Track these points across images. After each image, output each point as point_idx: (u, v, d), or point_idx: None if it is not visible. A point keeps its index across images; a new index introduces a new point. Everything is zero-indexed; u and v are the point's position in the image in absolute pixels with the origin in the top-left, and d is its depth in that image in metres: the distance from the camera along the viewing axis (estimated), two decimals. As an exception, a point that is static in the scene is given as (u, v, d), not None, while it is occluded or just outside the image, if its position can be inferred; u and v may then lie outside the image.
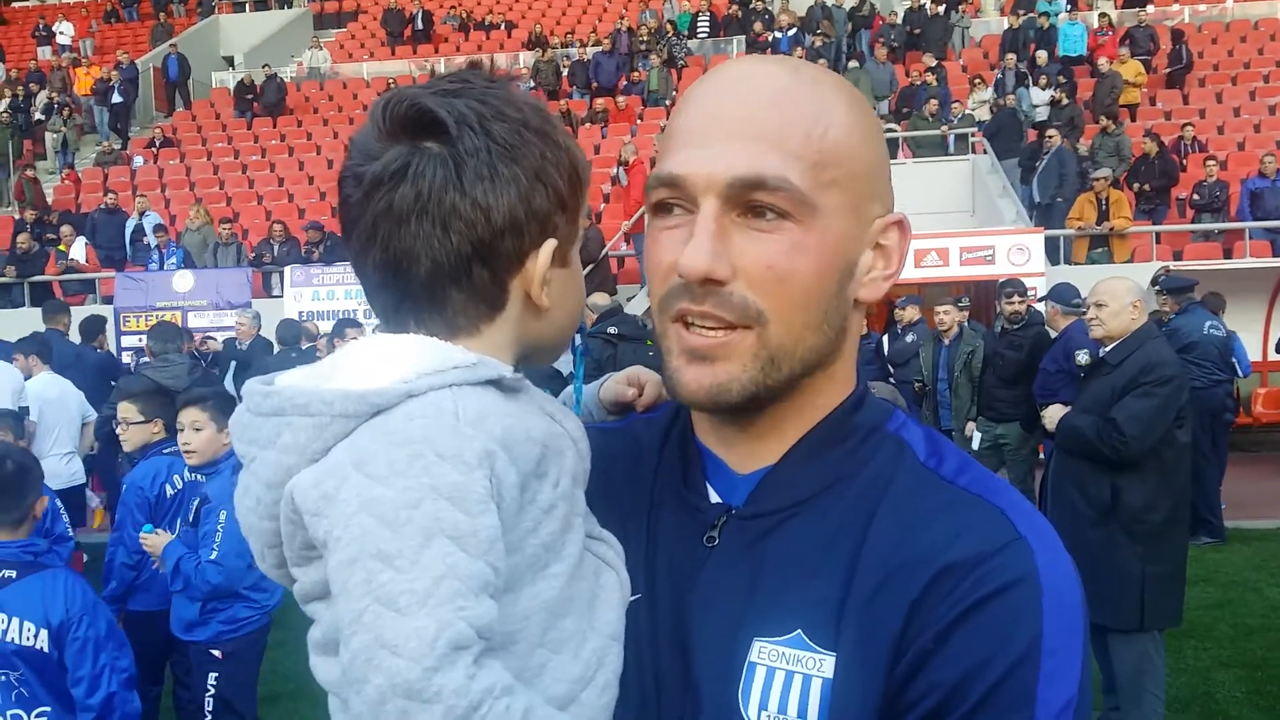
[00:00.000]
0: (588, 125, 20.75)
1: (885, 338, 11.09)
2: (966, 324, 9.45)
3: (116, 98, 23.72)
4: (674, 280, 1.04)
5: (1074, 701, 0.95)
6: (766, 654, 1.02)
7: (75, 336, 10.05)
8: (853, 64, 21.69)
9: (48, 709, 3.31)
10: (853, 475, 1.07)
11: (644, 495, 1.17)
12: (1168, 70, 19.75)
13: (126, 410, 5.25)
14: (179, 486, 5.00)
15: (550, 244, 1.05)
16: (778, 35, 22.54)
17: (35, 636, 3.31)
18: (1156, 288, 9.63)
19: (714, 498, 1.13)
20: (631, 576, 1.10)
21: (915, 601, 0.97)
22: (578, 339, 1.27)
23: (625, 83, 22.22)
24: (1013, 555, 0.97)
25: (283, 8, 31.11)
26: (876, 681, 0.97)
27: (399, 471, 0.91)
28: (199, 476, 4.74)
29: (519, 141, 1.02)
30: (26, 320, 13.10)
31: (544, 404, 1.07)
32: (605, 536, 1.11)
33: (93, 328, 8.34)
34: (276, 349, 10.23)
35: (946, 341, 9.26)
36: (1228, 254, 15.00)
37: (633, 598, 1.10)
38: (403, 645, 0.86)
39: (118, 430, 5.39)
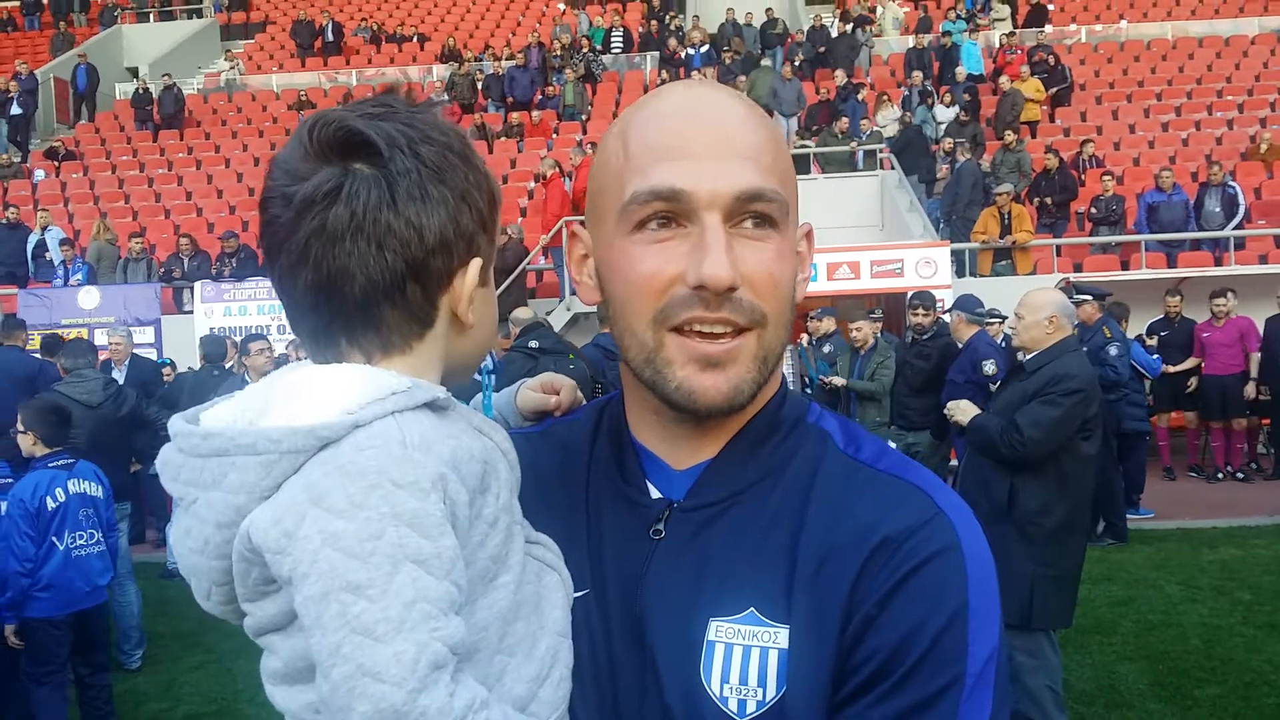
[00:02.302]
0: (503, 139, 20.74)
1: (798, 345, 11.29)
2: (880, 336, 9.68)
3: (15, 109, 23.04)
4: (677, 291, 1.09)
5: (995, 651, 1.07)
6: (723, 632, 1.09)
7: None
8: (765, 62, 22.07)
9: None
10: (784, 465, 1.17)
11: (579, 494, 1.23)
12: (1053, 90, 20.36)
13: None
14: (60, 499, 5.55)
15: (477, 262, 1.08)
16: (690, 51, 22.80)
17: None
18: (1082, 295, 9.86)
19: (654, 493, 1.19)
20: (576, 573, 1.16)
21: (858, 573, 1.07)
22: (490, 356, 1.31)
23: (540, 97, 22.26)
24: (937, 527, 1.09)
25: (190, 18, 30.50)
26: (828, 647, 1.06)
27: (358, 504, 0.93)
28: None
29: (446, 164, 1.05)
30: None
31: (471, 420, 1.10)
32: (542, 539, 1.15)
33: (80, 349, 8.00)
34: (200, 365, 10.04)
35: (863, 353, 9.50)
36: (1125, 265, 15.55)
37: (579, 594, 1.15)
38: (385, 671, 0.89)
39: None
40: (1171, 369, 12.28)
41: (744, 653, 1.08)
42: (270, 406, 1.01)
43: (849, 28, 23.13)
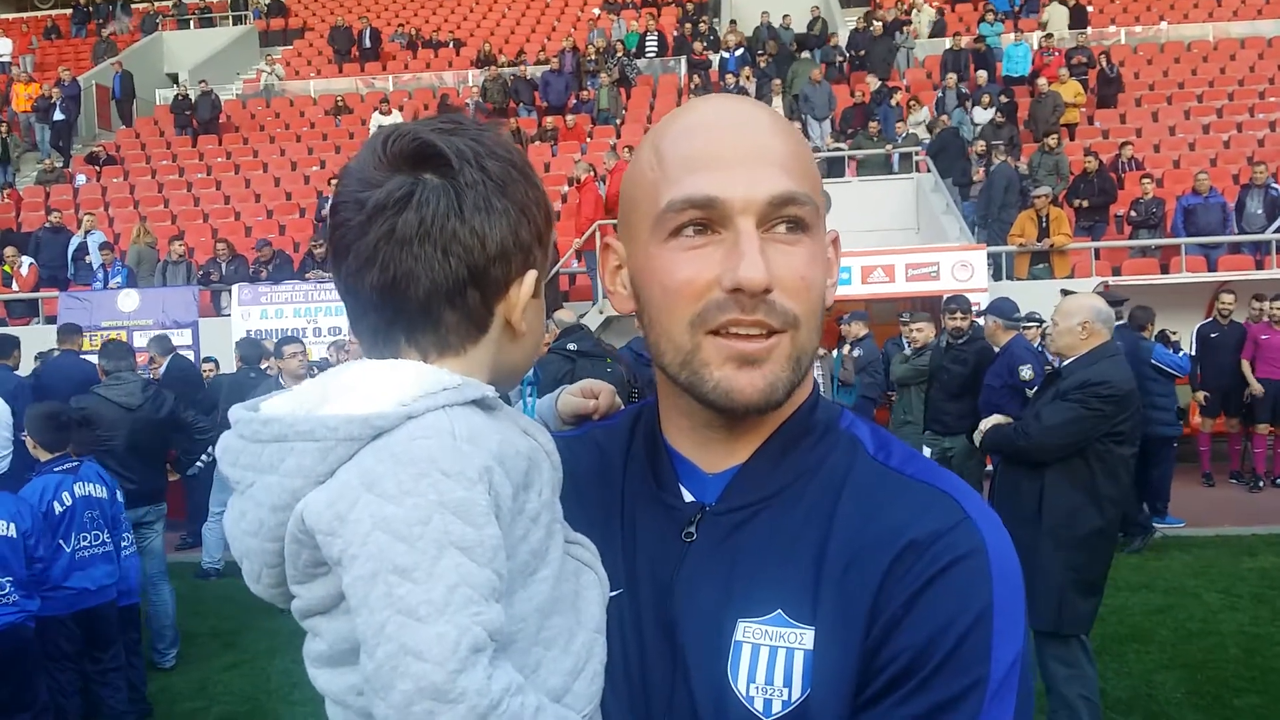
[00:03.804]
0: (537, 143, 20.81)
1: (833, 353, 11.24)
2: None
3: (58, 115, 23.36)
4: (714, 295, 1.11)
5: (1020, 655, 1.07)
6: (751, 633, 1.11)
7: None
8: (804, 54, 22.02)
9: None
10: (815, 470, 1.19)
11: (615, 497, 1.26)
12: (1098, 88, 20.18)
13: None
14: (68, 503, 5.69)
15: (533, 274, 1.13)
16: (724, 55, 22.77)
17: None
18: None
19: (687, 497, 1.22)
20: (611, 573, 1.19)
21: (884, 575, 1.08)
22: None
23: (574, 101, 22.31)
24: (964, 532, 1.10)
25: (236, 24, 30.85)
26: (853, 648, 1.08)
27: (408, 490, 0.97)
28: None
29: (509, 179, 1.11)
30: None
31: (517, 419, 1.14)
32: (580, 539, 1.18)
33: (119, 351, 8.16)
34: (237, 367, 10.15)
35: (917, 349, 9.49)
36: (1164, 269, 15.34)
37: (613, 593, 1.18)
38: (427, 651, 0.93)
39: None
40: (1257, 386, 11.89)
41: (770, 653, 1.10)
42: (327, 398, 1.06)
43: (882, 29, 23.03)
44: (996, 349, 8.29)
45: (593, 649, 1.13)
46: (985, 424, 5.46)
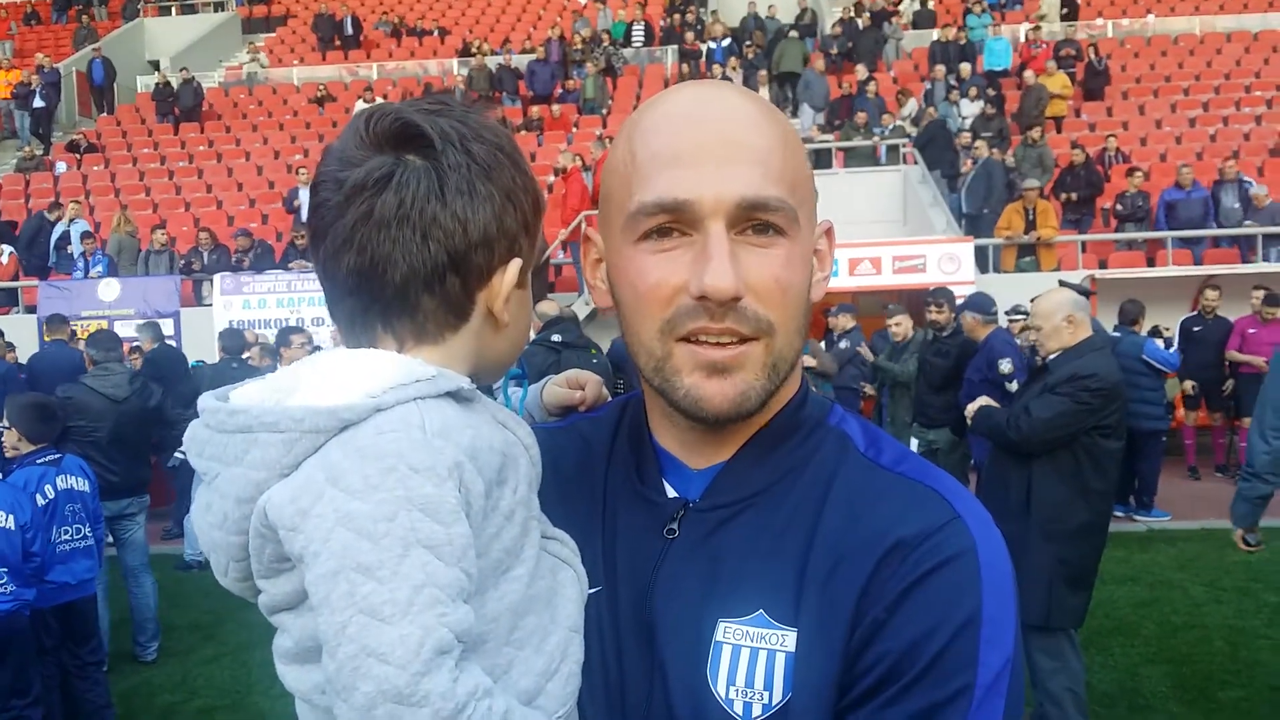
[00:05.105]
0: (523, 133, 20.69)
1: (820, 345, 11.23)
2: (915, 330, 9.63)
3: (38, 102, 23.12)
4: (682, 301, 1.07)
5: (1010, 662, 1.03)
6: (731, 633, 1.08)
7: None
8: (791, 34, 21.96)
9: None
10: (801, 467, 1.16)
11: (598, 491, 1.23)
12: (1085, 81, 20.20)
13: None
14: (50, 496, 5.59)
15: (517, 262, 1.10)
16: (711, 45, 22.71)
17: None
18: None
19: (670, 493, 1.19)
20: (590, 570, 1.15)
21: (870, 576, 1.05)
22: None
23: (560, 91, 22.21)
24: (953, 532, 1.06)
25: (218, 11, 30.61)
26: (835, 652, 1.04)
27: (374, 485, 0.94)
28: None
29: (495, 162, 1.07)
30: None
31: (495, 413, 1.10)
32: (559, 535, 1.15)
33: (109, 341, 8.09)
34: (219, 358, 10.06)
35: (899, 344, 9.47)
36: (1151, 262, 15.37)
37: (592, 590, 1.15)
38: (390, 653, 0.89)
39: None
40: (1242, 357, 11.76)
41: (751, 655, 1.07)
42: (298, 387, 1.03)
43: (870, 20, 23.00)
44: (977, 343, 8.27)
45: (568, 649, 1.09)
46: (973, 406, 5.45)
